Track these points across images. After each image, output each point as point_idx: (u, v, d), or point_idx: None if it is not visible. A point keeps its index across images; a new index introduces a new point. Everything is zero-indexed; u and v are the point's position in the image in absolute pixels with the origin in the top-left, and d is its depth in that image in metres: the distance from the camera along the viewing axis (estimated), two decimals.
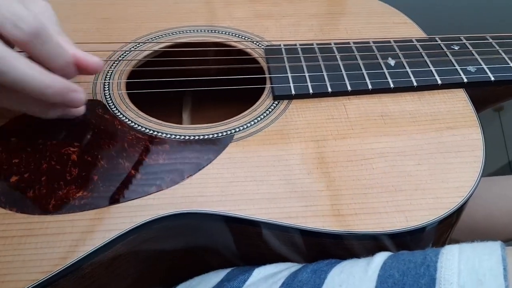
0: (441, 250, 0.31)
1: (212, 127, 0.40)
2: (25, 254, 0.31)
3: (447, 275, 0.29)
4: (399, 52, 0.46)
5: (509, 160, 1.03)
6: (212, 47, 0.50)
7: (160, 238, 0.35)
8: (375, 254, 0.33)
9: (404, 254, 0.32)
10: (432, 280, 0.29)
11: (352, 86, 0.42)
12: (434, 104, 0.42)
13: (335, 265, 0.33)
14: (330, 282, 0.32)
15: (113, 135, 0.39)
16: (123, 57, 0.47)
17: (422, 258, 0.31)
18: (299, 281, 0.32)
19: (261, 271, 0.35)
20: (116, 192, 0.34)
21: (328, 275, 0.32)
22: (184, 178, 0.35)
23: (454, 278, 0.29)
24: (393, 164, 0.37)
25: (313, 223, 0.33)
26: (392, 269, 0.31)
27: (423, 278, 0.29)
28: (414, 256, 0.32)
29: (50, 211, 0.33)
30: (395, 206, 0.34)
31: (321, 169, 0.36)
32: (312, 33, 0.51)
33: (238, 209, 0.34)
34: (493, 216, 0.49)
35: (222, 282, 0.36)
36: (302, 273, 0.33)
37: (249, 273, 0.35)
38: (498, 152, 1.03)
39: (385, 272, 0.31)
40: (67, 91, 0.34)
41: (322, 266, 0.34)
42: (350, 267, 0.32)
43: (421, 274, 0.30)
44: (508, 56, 0.45)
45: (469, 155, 0.37)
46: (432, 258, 0.31)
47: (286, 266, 0.36)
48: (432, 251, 0.32)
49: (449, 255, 0.30)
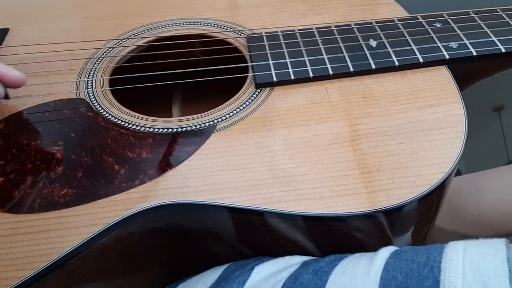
0: (445, 249, 0.31)
1: (194, 118, 0.40)
2: (13, 252, 0.32)
3: (451, 277, 0.28)
4: (380, 32, 0.46)
5: (509, 160, 1.02)
6: (195, 39, 0.50)
7: (146, 230, 0.35)
8: (377, 251, 0.33)
9: (407, 252, 0.32)
10: (436, 282, 0.28)
11: (333, 69, 0.42)
12: (416, 82, 0.42)
13: (336, 264, 0.33)
14: (332, 284, 0.31)
15: (96, 132, 0.39)
16: (106, 54, 0.47)
17: (426, 257, 0.30)
18: (301, 283, 0.32)
19: (260, 270, 0.35)
20: (100, 187, 0.35)
21: (329, 277, 0.32)
22: (167, 170, 0.36)
23: (459, 280, 0.28)
24: (375, 144, 0.37)
25: (295, 207, 0.33)
26: (395, 270, 0.30)
27: (426, 280, 0.29)
28: (417, 255, 0.31)
29: (35, 210, 0.34)
30: (377, 186, 0.34)
31: (303, 154, 0.37)
32: (294, 19, 0.51)
33: (221, 197, 0.34)
34: (499, 207, 0.48)
35: (220, 281, 0.36)
36: (303, 274, 0.33)
37: (248, 273, 0.35)
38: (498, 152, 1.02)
39: (387, 273, 0.30)
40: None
41: (323, 266, 0.33)
42: (352, 267, 0.32)
43: (425, 276, 0.29)
44: (490, 30, 0.45)
45: (451, 131, 0.37)
46: (436, 258, 0.30)
47: (285, 264, 0.35)
48: (435, 249, 0.31)
49: (453, 254, 0.30)
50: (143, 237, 0.36)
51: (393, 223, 0.35)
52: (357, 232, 0.35)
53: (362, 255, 0.34)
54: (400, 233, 0.36)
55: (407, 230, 0.37)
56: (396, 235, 0.36)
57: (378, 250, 0.33)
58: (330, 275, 0.32)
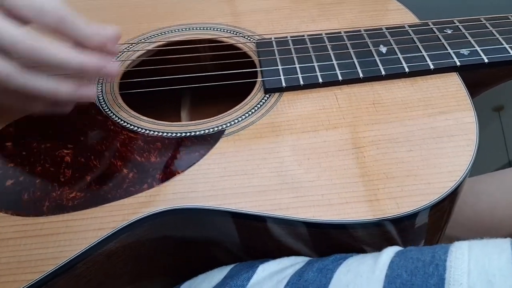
0: (450, 248, 0.30)
1: (203, 123, 0.40)
2: (21, 255, 0.32)
3: (457, 275, 0.28)
4: (390, 38, 0.46)
5: (509, 160, 1.01)
6: (205, 44, 0.50)
7: (153, 235, 0.35)
8: (382, 250, 0.33)
9: (412, 251, 0.32)
10: (441, 280, 0.28)
11: (343, 75, 0.42)
12: (427, 89, 0.41)
13: (341, 263, 0.33)
14: (336, 281, 0.31)
15: (105, 135, 0.39)
16: (116, 58, 0.47)
17: (431, 256, 0.30)
18: (305, 280, 0.32)
19: (265, 267, 0.35)
20: (109, 191, 0.35)
21: (334, 274, 0.32)
22: (176, 175, 0.36)
23: (464, 278, 0.28)
24: (385, 151, 0.37)
25: (304, 213, 0.33)
26: (400, 268, 0.30)
27: (432, 278, 0.29)
28: (422, 254, 0.31)
29: (44, 213, 0.34)
30: (386, 193, 0.34)
31: (312, 160, 0.36)
32: (304, 25, 0.50)
33: (228, 203, 0.34)
34: (496, 211, 0.48)
35: (225, 279, 0.36)
36: (308, 272, 0.33)
37: (253, 270, 0.35)
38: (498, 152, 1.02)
39: (392, 271, 0.30)
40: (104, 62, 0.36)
41: (328, 263, 0.33)
42: (357, 265, 0.32)
43: (430, 274, 0.29)
44: (502, 37, 0.44)
45: (462, 139, 0.37)
46: (441, 257, 0.30)
47: (291, 262, 0.35)
48: (441, 248, 0.31)
49: (458, 253, 0.30)
50: (150, 242, 0.36)
51: (402, 231, 0.34)
52: (366, 239, 0.34)
53: (367, 254, 0.34)
54: (410, 242, 0.35)
55: (417, 239, 0.37)
56: (406, 245, 0.36)
57: (383, 249, 0.33)
58: (335, 273, 0.32)
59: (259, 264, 0.36)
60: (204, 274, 0.38)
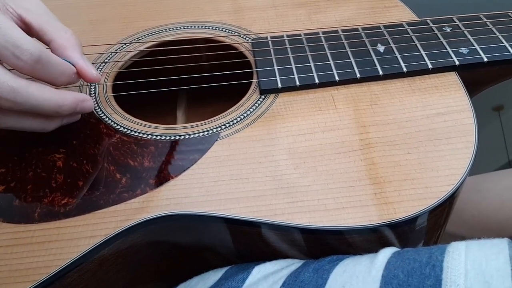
0: (447, 248, 0.30)
1: (198, 125, 0.39)
2: (12, 263, 0.31)
3: (454, 276, 0.28)
4: (388, 37, 0.45)
5: (509, 160, 1.01)
6: (200, 44, 0.49)
7: (147, 241, 0.35)
8: (379, 251, 0.32)
9: (408, 252, 0.31)
10: (438, 281, 0.28)
11: (340, 75, 0.41)
12: (425, 89, 0.41)
13: (337, 263, 0.32)
14: (332, 282, 0.31)
15: (98, 139, 0.38)
16: (109, 59, 0.46)
17: (428, 257, 0.30)
18: (301, 281, 0.32)
19: (261, 269, 0.35)
20: (101, 197, 0.34)
21: (330, 275, 0.31)
22: (169, 180, 0.35)
23: (461, 279, 0.28)
24: (382, 154, 0.36)
25: (299, 219, 0.33)
26: (397, 269, 0.30)
27: (428, 279, 0.28)
28: (419, 254, 0.31)
29: (36, 220, 0.33)
30: (383, 198, 0.33)
31: (308, 163, 0.36)
32: (300, 23, 0.50)
33: (223, 208, 0.33)
34: (500, 209, 0.48)
35: (220, 281, 0.35)
36: (304, 272, 0.32)
37: (248, 272, 0.35)
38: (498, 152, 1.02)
39: (389, 272, 0.30)
40: (77, 102, 0.36)
41: (324, 264, 0.33)
42: (353, 266, 0.32)
43: (427, 275, 0.29)
44: (502, 35, 0.43)
45: (461, 141, 0.36)
46: (438, 257, 0.30)
47: (286, 264, 0.35)
48: (437, 249, 0.31)
49: (455, 254, 0.29)
50: (143, 248, 0.35)
51: (399, 236, 0.34)
52: (362, 245, 0.34)
53: (364, 255, 0.33)
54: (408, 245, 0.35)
55: (415, 242, 0.36)
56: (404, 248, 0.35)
57: (379, 250, 0.32)
58: (331, 274, 0.32)
59: (254, 266, 0.35)
60: (199, 276, 0.38)
